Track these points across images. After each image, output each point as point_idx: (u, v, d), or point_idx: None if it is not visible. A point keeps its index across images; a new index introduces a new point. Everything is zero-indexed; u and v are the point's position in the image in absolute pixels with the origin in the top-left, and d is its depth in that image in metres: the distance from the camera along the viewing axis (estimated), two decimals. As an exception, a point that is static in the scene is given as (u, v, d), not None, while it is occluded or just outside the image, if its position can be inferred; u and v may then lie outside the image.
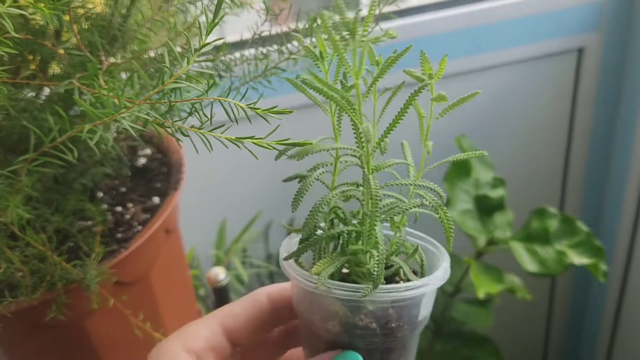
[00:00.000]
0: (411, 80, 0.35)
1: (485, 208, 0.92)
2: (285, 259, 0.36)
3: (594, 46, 1.09)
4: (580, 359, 1.42)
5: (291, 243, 0.39)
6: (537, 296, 0.94)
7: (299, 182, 0.37)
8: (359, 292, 0.33)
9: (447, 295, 0.95)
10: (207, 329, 0.37)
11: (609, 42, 1.09)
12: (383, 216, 0.35)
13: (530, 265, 0.86)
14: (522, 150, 1.18)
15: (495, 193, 0.92)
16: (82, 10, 0.45)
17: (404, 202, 0.36)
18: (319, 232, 0.37)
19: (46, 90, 0.51)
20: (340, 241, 0.36)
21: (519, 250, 0.88)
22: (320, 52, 0.32)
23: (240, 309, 0.39)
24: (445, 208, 0.35)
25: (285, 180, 0.37)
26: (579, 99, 1.15)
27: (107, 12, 0.48)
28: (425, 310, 0.37)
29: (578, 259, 0.84)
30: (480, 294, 0.81)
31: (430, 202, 0.35)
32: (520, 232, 0.92)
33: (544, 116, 1.16)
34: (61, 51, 0.45)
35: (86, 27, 0.46)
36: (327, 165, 0.36)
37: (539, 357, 1.47)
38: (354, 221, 0.38)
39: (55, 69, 0.51)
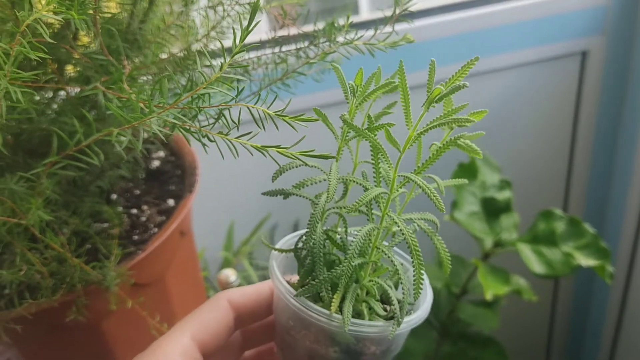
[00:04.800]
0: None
1: (492, 210, 0.92)
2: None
3: (597, 49, 1.09)
4: (583, 359, 1.42)
5: (288, 243, 0.40)
6: (540, 297, 0.95)
7: (283, 198, 0.38)
8: (333, 321, 0.35)
9: (453, 296, 0.95)
10: (181, 346, 0.35)
11: (613, 46, 1.09)
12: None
13: (537, 267, 0.87)
14: (526, 153, 1.19)
15: (502, 195, 0.93)
16: (101, 15, 0.46)
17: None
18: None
19: (61, 93, 0.52)
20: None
21: (526, 251, 0.88)
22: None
23: (210, 318, 0.37)
24: (439, 237, 0.36)
25: (265, 194, 0.38)
26: (583, 102, 1.15)
27: (125, 17, 0.48)
28: (396, 344, 0.38)
29: (585, 260, 0.85)
30: (488, 296, 0.81)
31: (424, 229, 0.36)
32: (527, 234, 0.93)
33: (548, 119, 1.17)
34: (78, 55, 0.45)
35: (105, 30, 0.46)
36: (316, 183, 0.38)
37: (541, 357, 1.47)
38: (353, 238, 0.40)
39: (71, 71, 0.51)
